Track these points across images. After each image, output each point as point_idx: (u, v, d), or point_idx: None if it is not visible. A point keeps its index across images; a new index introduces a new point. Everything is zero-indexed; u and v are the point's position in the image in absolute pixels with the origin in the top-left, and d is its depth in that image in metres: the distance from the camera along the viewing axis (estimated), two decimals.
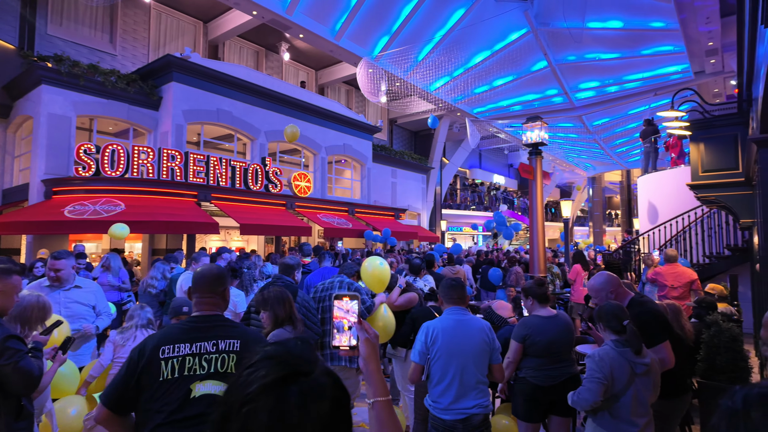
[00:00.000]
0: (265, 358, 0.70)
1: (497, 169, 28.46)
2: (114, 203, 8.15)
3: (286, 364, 0.69)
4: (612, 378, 2.28)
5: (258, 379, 0.67)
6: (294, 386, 0.66)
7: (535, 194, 6.38)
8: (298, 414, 0.64)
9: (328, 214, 13.12)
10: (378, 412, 1.10)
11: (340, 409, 0.70)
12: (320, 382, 0.69)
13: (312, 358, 0.72)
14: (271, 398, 0.65)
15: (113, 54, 12.27)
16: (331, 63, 17.04)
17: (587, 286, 2.93)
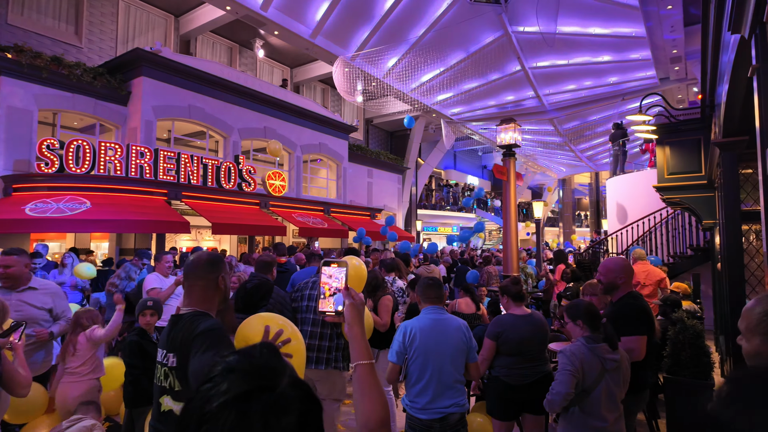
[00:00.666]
0: (226, 371, 0.64)
1: (471, 171, 28.83)
2: (79, 201, 7.84)
3: (249, 378, 0.63)
4: (582, 373, 2.33)
5: (218, 395, 0.61)
6: (257, 403, 0.60)
7: (508, 195, 6.48)
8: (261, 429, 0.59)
9: (303, 214, 12.99)
10: (360, 374, 1.13)
11: (308, 423, 0.64)
12: (286, 395, 0.63)
13: (278, 369, 0.66)
14: (231, 416, 0.59)
15: (79, 46, 11.81)
16: (307, 61, 16.89)
17: (600, 266, 2.97)
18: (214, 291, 1.73)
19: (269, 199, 12.14)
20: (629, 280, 2.90)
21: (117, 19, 12.67)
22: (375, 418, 1.06)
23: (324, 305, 1.28)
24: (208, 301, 1.72)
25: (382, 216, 16.65)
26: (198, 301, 1.71)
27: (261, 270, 3.44)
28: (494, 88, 15.42)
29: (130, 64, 10.18)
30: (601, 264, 3.00)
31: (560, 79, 14.47)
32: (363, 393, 1.10)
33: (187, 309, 1.69)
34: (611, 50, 12.47)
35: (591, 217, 23.99)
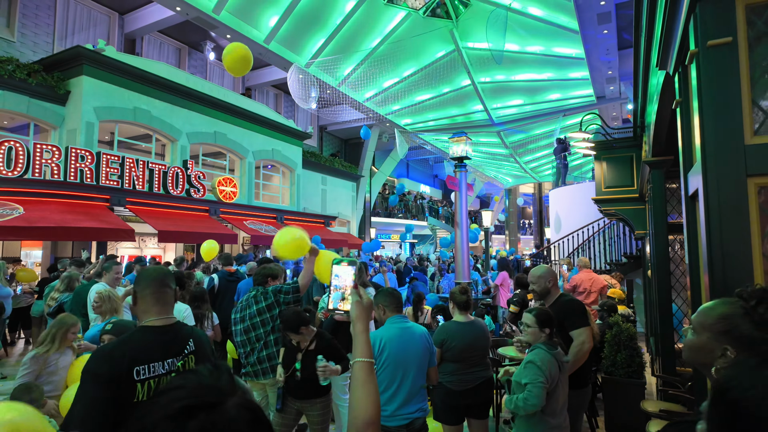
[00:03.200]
0: (174, 387, 0.62)
1: (424, 180, 29.44)
2: (11, 207, 7.28)
3: (192, 395, 0.61)
4: (551, 380, 2.49)
5: (159, 408, 0.59)
6: (195, 420, 0.57)
7: (460, 204, 6.73)
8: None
9: (255, 221, 12.74)
10: (357, 372, 1.17)
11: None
12: (229, 416, 0.59)
13: (226, 389, 0.63)
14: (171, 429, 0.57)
15: (10, 40, 11.01)
16: (260, 66, 16.64)
17: (530, 274, 3.19)
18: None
19: (219, 206, 11.82)
20: (556, 283, 3.19)
21: (54, 13, 11.93)
22: (368, 416, 1.11)
23: (333, 302, 1.32)
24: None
25: (336, 223, 16.63)
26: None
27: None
28: (445, 100, 15.91)
29: (70, 61, 9.62)
30: (530, 275, 3.22)
31: (506, 93, 15.18)
32: (358, 389, 1.14)
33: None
34: (554, 68, 13.26)
35: (535, 226, 25.16)
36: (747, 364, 0.69)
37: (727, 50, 1.26)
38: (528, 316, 2.65)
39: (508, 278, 7.38)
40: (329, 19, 11.96)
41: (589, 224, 9.99)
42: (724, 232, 1.27)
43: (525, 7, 10.86)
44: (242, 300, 3.47)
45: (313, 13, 11.66)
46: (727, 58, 1.26)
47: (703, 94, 1.29)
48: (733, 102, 1.26)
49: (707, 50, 1.28)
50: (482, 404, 3.21)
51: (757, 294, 1.10)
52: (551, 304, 3.08)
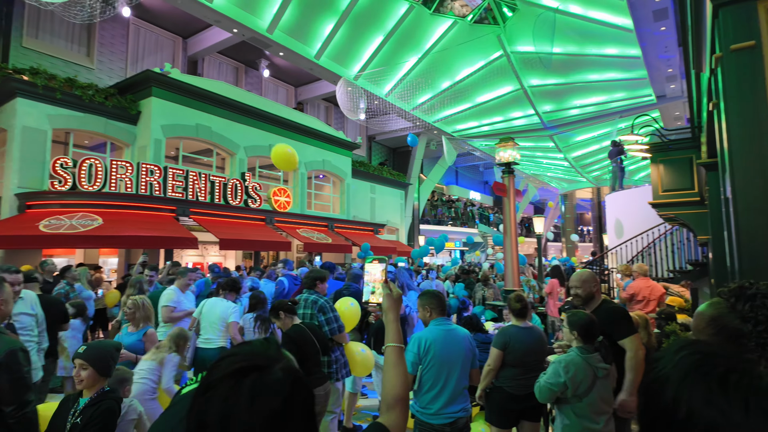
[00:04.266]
0: (230, 354, 0.77)
1: (473, 186, 29.09)
2: (91, 218, 8.07)
3: (245, 359, 0.75)
4: (575, 384, 2.50)
5: (220, 370, 0.74)
6: (247, 379, 0.71)
7: (508, 211, 6.67)
8: (248, 405, 0.69)
9: (307, 229, 13.19)
10: (389, 355, 1.31)
11: (295, 406, 0.72)
12: (276, 377, 0.73)
13: (272, 356, 0.77)
14: (226, 387, 0.70)
15: (90, 67, 12.20)
16: (311, 80, 17.29)
17: (572, 279, 3.16)
18: None
19: (274, 215, 12.36)
20: (599, 288, 3.13)
21: (127, 40, 13.09)
22: (397, 393, 1.24)
23: (367, 296, 1.50)
24: None
25: (384, 231, 16.83)
26: None
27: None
28: (494, 106, 15.75)
29: (141, 84, 10.52)
30: (572, 280, 3.17)
31: (558, 96, 14.78)
32: (389, 370, 1.28)
33: None
34: (609, 69, 12.78)
35: (594, 232, 24.10)
36: (672, 347, 0.72)
37: (750, 54, 1.24)
38: (565, 318, 2.68)
39: (558, 286, 7.17)
40: (376, 32, 12.27)
41: (650, 229, 9.48)
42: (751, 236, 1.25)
43: (575, 9, 10.59)
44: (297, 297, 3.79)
45: (360, 27, 12.01)
46: (751, 61, 1.25)
47: (727, 97, 1.28)
48: (758, 105, 1.24)
49: (730, 54, 1.27)
50: (536, 407, 3.23)
51: (734, 292, 1.12)
52: (594, 310, 3.03)
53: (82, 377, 2.16)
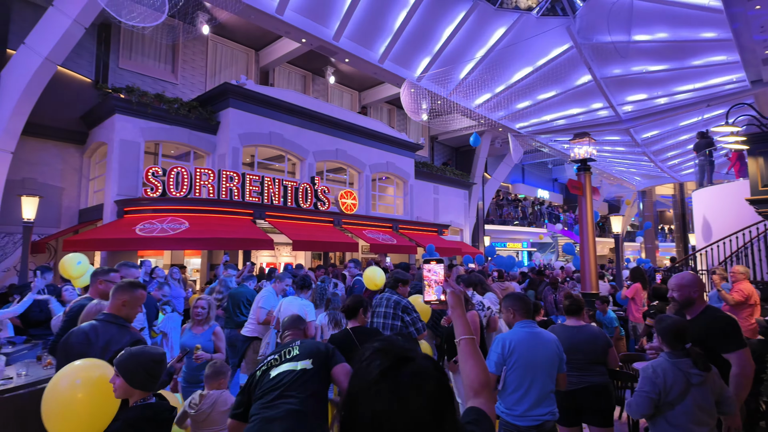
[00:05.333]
0: (376, 352, 0.87)
1: (541, 184, 28.03)
2: (179, 222, 8.78)
3: (394, 354, 0.85)
4: (665, 388, 2.36)
5: (376, 367, 0.83)
6: (405, 370, 0.82)
7: (584, 210, 6.39)
8: (413, 392, 0.79)
9: (372, 230, 13.42)
10: (464, 347, 1.37)
11: (444, 387, 0.84)
12: (424, 365, 0.84)
13: (412, 349, 0.89)
14: (389, 381, 0.80)
15: (174, 83, 13.25)
16: (374, 84, 17.57)
17: (670, 282, 3.00)
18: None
19: (342, 217, 12.71)
20: (702, 293, 2.88)
21: (206, 56, 14.07)
22: (480, 379, 1.29)
23: (428, 295, 1.55)
24: None
25: (448, 232, 16.69)
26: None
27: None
28: (564, 99, 15.09)
29: (219, 96, 11.27)
30: (671, 281, 2.98)
31: (635, 87, 13.87)
32: (467, 361, 1.34)
33: None
34: (691, 55, 11.81)
35: (676, 232, 22.32)
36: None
37: None
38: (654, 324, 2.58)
39: (641, 290, 6.73)
40: (439, 31, 12.23)
41: (746, 228, 8.62)
42: None
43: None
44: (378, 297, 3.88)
45: (423, 29, 12.03)
46: None
47: None
48: None
49: None
50: (595, 410, 3.19)
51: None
52: (694, 318, 2.82)
53: (115, 386, 2.00)
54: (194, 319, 3.76)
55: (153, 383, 2.04)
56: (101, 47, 11.79)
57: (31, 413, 2.98)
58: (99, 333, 2.41)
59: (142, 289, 2.63)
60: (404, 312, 3.73)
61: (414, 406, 0.78)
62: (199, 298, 3.79)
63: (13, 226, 9.87)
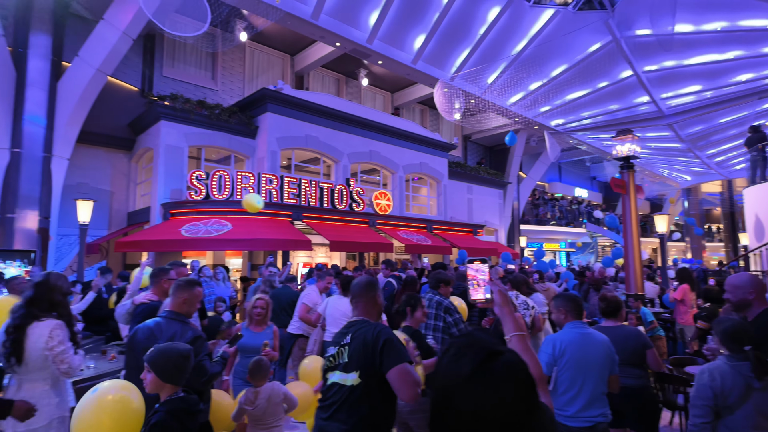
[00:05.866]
0: (463, 347, 0.89)
1: (579, 182, 27.32)
2: (222, 223, 9.09)
3: (482, 348, 0.87)
4: (723, 392, 2.28)
5: (467, 362, 0.84)
6: (497, 363, 0.84)
7: (628, 210, 6.22)
8: (508, 384, 0.81)
9: (407, 231, 13.45)
10: (515, 344, 1.40)
11: (531, 377, 0.86)
12: (513, 357, 0.87)
13: (496, 341, 0.91)
14: (484, 375, 0.81)
15: (215, 89, 13.71)
16: (406, 85, 17.62)
17: (726, 282, 2.91)
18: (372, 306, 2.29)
19: (376, 218, 12.81)
20: (761, 295, 2.74)
21: (244, 62, 14.49)
22: (536, 373, 1.29)
23: (475, 294, 1.59)
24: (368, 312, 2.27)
25: (483, 232, 16.51)
26: (363, 312, 2.28)
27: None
28: (603, 95, 14.67)
29: (257, 101, 11.59)
30: (726, 282, 2.87)
31: (679, 80, 13.32)
32: (521, 356, 1.36)
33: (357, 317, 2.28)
34: (740, 45, 11.24)
35: (725, 231, 21.27)
36: None
37: None
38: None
39: (689, 291, 6.47)
40: (473, 30, 12.14)
41: None
42: None
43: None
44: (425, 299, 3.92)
45: (456, 27, 11.97)
46: None
47: None
48: None
49: None
50: (633, 415, 3.13)
51: None
52: (753, 320, 2.72)
53: (147, 381, 2.10)
54: (252, 318, 3.78)
55: (181, 377, 2.13)
56: (146, 57, 12.35)
57: None
58: (163, 329, 2.56)
59: (199, 286, 2.77)
60: (446, 312, 3.75)
61: (510, 398, 0.81)
62: (258, 298, 3.82)
63: (69, 228, 10.47)
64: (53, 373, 2.66)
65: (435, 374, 0.91)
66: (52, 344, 2.61)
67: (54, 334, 2.64)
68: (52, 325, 2.66)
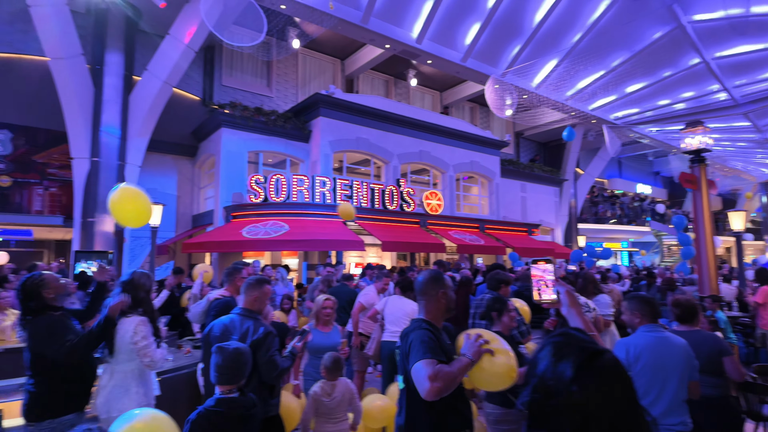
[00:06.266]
0: (562, 346, 0.90)
1: (641, 178, 25.85)
2: (279, 225, 9.44)
3: (582, 347, 0.89)
4: None
5: (570, 363, 0.85)
6: (602, 361, 0.86)
7: (700, 206, 5.83)
8: (615, 381, 0.84)
9: (458, 231, 13.31)
10: None
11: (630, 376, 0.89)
12: (612, 356, 0.89)
13: (591, 340, 0.93)
14: (591, 374, 0.83)
15: (270, 96, 14.24)
16: (455, 83, 17.44)
17: None
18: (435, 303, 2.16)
19: (427, 218, 12.78)
20: None
21: (297, 69, 14.94)
22: None
23: (542, 295, 1.58)
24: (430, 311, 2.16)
25: (539, 232, 16.01)
26: (424, 310, 2.18)
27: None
28: (667, 85, 13.80)
29: (311, 106, 11.93)
30: None
31: (755, 66, 12.27)
32: None
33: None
34: None
35: None
36: None
37: None
38: None
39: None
40: (525, 23, 11.83)
41: None
42: None
43: None
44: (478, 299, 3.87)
45: (508, 22, 11.71)
46: None
47: None
48: None
49: None
50: (713, 426, 2.91)
51: None
52: None
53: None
54: (321, 319, 3.80)
55: (236, 377, 2.15)
56: (207, 68, 13.04)
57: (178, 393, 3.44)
58: (236, 325, 2.71)
59: (268, 284, 2.91)
60: None
61: (617, 395, 0.83)
62: (326, 299, 3.84)
63: (140, 230, 11.23)
64: (139, 364, 2.89)
65: (532, 376, 0.91)
66: (137, 339, 2.84)
67: (138, 329, 2.86)
68: (137, 321, 2.89)
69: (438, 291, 2.14)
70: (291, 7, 10.06)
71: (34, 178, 10.76)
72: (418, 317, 2.17)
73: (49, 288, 2.79)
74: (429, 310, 2.16)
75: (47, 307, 2.77)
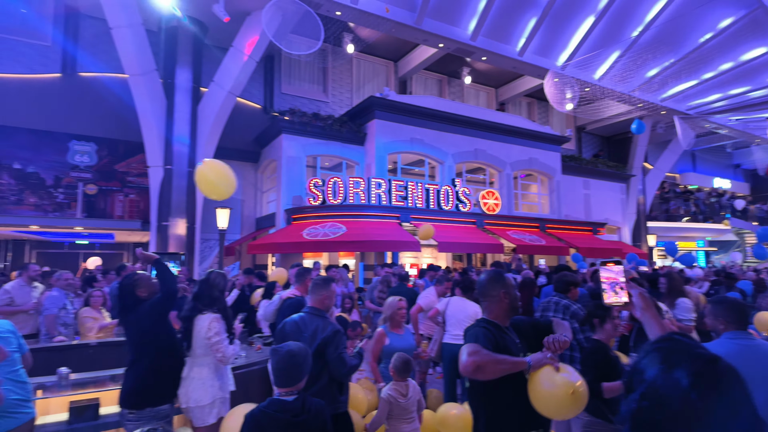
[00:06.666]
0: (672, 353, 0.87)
1: (718, 172, 23.87)
2: (337, 227, 9.68)
3: (697, 355, 0.86)
4: None
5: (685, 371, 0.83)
6: (718, 369, 0.84)
7: None
8: (732, 388, 0.82)
9: (517, 231, 12.96)
10: None
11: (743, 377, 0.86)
12: (725, 361, 0.87)
13: (698, 344, 0.91)
14: (710, 383, 0.81)
15: (326, 101, 14.62)
16: (511, 79, 17.01)
17: None
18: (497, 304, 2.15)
19: (484, 218, 12.55)
20: None
21: (351, 73, 15.23)
22: None
23: (615, 297, 1.52)
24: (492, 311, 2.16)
25: (604, 231, 15.23)
26: (486, 310, 2.18)
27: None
28: (747, 70, 12.71)
29: (365, 110, 12.11)
30: None
31: None
32: None
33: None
34: None
35: None
36: None
37: None
38: None
39: None
40: (587, 12, 11.34)
41: None
42: None
43: None
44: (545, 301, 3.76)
45: (567, 11, 11.29)
46: None
47: None
48: None
49: None
50: None
51: None
52: None
53: None
54: (396, 321, 3.77)
55: (291, 379, 2.10)
56: (267, 77, 13.62)
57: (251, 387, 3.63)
58: (306, 323, 2.83)
59: (335, 283, 3.01)
60: (573, 318, 3.55)
61: (737, 402, 0.81)
62: (400, 299, 3.80)
63: (209, 233, 11.94)
64: (214, 359, 3.08)
65: (638, 382, 0.88)
66: (210, 335, 3.03)
67: (212, 326, 3.06)
68: (211, 318, 3.09)
69: (500, 291, 2.14)
70: (347, 13, 10.30)
71: (115, 186, 11.73)
72: (481, 317, 2.18)
73: (143, 287, 3.06)
74: (492, 311, 2.16)
75: (140, 303, 3.03)
